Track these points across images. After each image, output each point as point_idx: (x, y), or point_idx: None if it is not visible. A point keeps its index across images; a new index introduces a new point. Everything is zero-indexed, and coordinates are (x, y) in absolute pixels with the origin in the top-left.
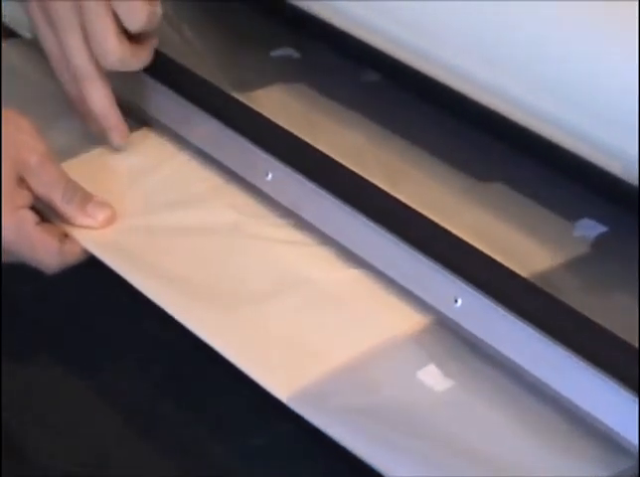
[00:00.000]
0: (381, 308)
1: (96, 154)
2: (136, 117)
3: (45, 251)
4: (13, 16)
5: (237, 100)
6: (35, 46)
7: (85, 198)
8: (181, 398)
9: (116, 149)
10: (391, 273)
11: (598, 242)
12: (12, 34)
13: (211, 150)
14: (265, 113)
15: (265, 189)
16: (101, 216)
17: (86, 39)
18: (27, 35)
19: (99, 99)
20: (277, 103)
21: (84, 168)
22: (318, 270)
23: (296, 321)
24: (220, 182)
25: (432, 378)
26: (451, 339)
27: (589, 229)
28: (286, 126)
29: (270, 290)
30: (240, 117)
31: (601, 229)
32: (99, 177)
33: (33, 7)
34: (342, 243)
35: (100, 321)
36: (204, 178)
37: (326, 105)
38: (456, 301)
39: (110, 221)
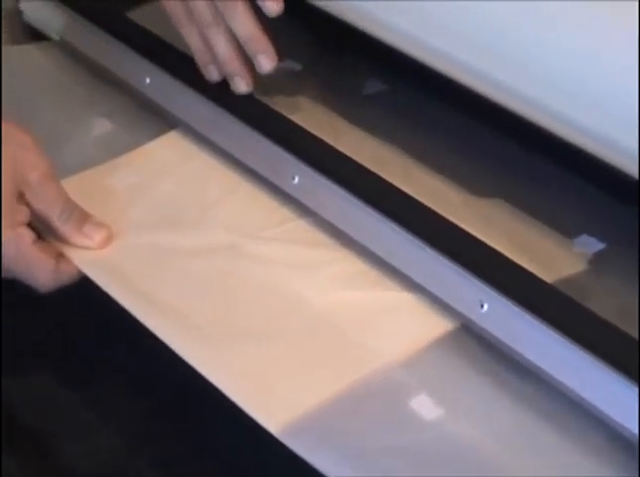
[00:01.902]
0: (374, 334)
1: (98, 170)
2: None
3: (40, 270)
4: (39, 17)
5: (264, 105)
6: (63, 48)
7: (83, 217)
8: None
9: (240, 92)
10: (417, 278)
11: (597, 258)
12: (38, 35)
13: (238, 154)
14: None
15: (292, 192)
16: (98, 236)
17: None
18: (55, 37)
19: (225, 45)
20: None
21: (84, 185)
22: (317, 294)
23: (291, 351)
24: (218, 199)
25: (424, 407)
26: (445, 364)
27: (588, 245)
28: None
29: (266, 319)
30: (268, 121)
31: (600, 245)
32: (99, 194)
33: None
34: (366, 246)
35: (97, 337)
36: (202, 195)
37: (328, 117)
38: (482, 306)
39: (107, 241)
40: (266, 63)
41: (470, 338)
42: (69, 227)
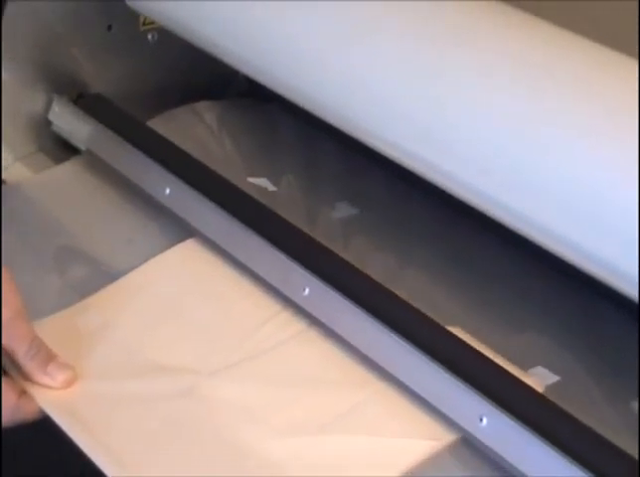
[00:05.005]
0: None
1: (72, 310)
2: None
3: (2, 405)
4: (66, 128)
5: (278, 216)
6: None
7: (48, 357)
8: None
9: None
10: (417, 390)
11: (551, 390)
12: (66, 145)
13: (250, 264)
14: None
15: (302, 304)
16: (61, 377)
17: None
18: (81, 147)
19: None
20: None
21: (57, 326)
22: (272, 441)
23: None
24: (182, 336)
25: None
26: None
27: (543, 377)
28: None
29: (222, 470)
30: (279, 232)
31: (554, 377)
32: (69, 336)
33: None
34: (371, 358)
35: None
36: (171, 329)
37: None
38: (481, 420)
39: (69, 383)
40: None
41: (470, 450)
42: (33, 364)
